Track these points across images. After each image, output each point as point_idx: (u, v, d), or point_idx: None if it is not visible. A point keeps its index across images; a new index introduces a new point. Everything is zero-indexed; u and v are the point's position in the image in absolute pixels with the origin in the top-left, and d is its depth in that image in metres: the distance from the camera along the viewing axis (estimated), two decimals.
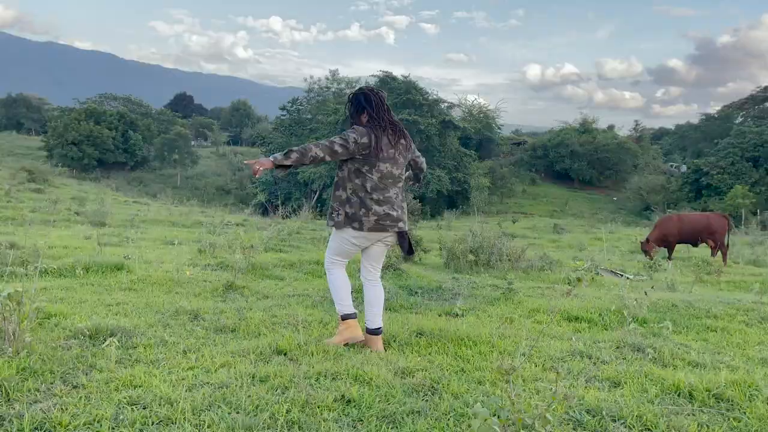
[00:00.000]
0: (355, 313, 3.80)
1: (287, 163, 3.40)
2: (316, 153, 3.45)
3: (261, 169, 3.37)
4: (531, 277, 7.56)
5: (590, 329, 4.54)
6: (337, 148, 3.48)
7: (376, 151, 3.56)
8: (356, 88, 3.79)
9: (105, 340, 3.58)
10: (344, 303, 3.78)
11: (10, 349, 3.00)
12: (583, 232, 21.71)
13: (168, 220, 17.85)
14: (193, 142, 61.00)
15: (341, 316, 3.78)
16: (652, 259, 12.23)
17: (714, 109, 73.81)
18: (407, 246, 3.81)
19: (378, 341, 3.77)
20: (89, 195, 24.44)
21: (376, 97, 3.67)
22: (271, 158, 3.39)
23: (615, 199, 43.67)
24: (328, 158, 3.50)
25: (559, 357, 3.68)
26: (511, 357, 3.64)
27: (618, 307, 4.69)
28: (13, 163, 36.26)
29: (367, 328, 3.78)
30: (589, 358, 3.68)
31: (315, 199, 30.17)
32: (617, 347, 3.96)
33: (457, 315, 4.89)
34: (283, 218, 21.67)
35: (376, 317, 3.79)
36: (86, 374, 2.98)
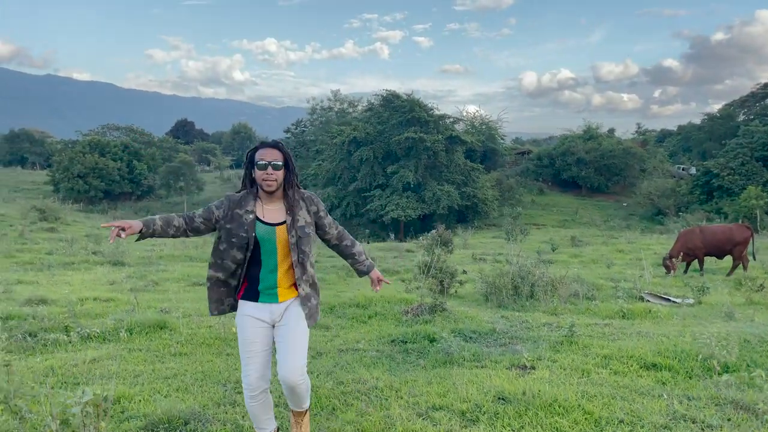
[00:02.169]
0: None
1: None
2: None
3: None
4: (580, 310, 7.32)
5: (675, 380, 4.30)
6: None
7: None
8: (275, 142, 3.09)
9: (179, 430, 3.39)
10: None
11: None
12: (602, 243, 21.43)
13: (185, 255, 17.65)
14: (196, 168, 60.95)
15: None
16: (672, 274, 12.01)
17: (714, 107, 73.95)
18: None
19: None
20: (102, 231, 24.28)
21: None
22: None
23: (625, 204, 43.33)
24: None
25: (662, 424, 3.45)
26: (611, 426, 3.41)
27: (705, 355, 4.44)
28: (22, 200, 36.20)
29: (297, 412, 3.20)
30: (694, 422, 3.45)
31: None
32: (717, 404, 3.73)
33: (526, 367, 4.66)
34: None
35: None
36: None
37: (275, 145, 3.04)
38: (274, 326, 3.02)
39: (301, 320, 3.01)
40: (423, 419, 3.56)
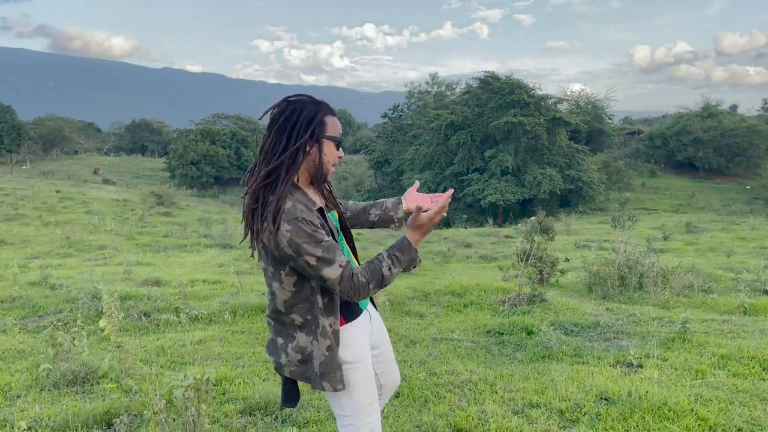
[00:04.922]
0: None
1: None
2: None
3: None
4: (695, 303, 6.78)
5: None
6: None
7: None
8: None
9: (275, 415, 3.47)
10: None
11: None
12: (721, 229, 19.84)
13: None
14: None
15: None
16: None
17: None
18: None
19: None
20: (212, 215, 25.73)
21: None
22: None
23: (748, 187, 39.83)
24: None
25: None
26: None
27: None
28: (142, 186, 39.12)
29: None
30: None
31: None
32: None
33: (633, 365, 4.37)
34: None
35: None
36: None
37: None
38: None
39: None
40: (518, 417, 3.42)
